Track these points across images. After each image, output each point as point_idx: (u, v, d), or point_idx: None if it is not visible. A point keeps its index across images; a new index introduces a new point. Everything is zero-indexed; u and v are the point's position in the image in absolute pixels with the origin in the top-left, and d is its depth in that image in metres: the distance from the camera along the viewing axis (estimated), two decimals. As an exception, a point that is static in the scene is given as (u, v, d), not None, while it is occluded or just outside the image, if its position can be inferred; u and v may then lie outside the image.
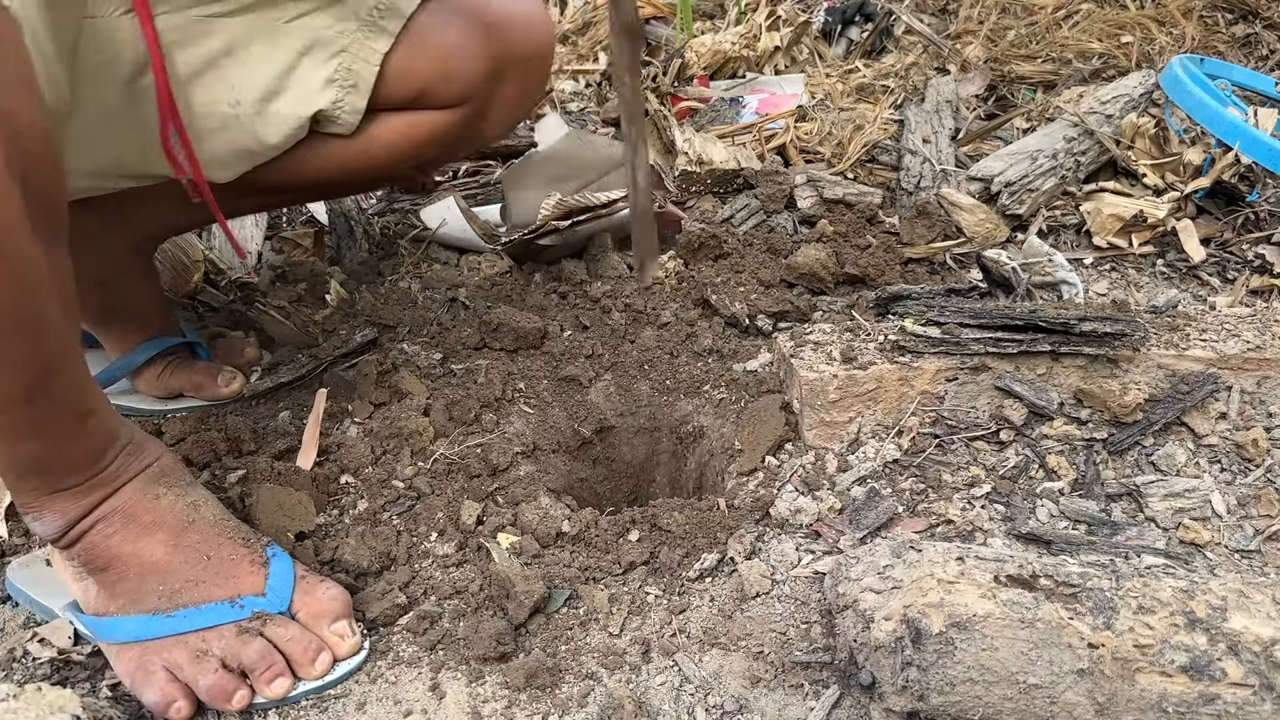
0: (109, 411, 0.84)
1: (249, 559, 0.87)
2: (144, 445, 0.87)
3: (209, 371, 1.19)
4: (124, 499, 0.84)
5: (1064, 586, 0.79)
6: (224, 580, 0.85)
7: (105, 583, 0.85)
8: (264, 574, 0.87)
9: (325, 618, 0.86)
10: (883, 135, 1.78)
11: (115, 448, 0.84)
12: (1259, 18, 2.16)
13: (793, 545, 0.97)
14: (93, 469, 0.82)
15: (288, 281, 1.46)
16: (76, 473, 0.81)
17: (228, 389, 1.17)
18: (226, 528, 0.89)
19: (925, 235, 1.48)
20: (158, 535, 0.85)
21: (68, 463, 0.81)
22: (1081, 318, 1.07)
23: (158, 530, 0.85)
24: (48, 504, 0.82)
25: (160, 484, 0.87)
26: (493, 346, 1.25)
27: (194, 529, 0.86)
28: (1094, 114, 1.66)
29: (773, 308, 1.30)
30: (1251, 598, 0.78)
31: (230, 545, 0.87)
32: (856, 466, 1.06)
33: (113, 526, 0.84)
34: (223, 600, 0.84)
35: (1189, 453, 1.05)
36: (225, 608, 0.84)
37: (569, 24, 2.53)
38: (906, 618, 0.77)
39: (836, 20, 2.32)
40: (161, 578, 0.84)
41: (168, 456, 0.89)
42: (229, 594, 0.85)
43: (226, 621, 0.83)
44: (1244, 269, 1.44)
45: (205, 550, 0.86)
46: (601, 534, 1.01)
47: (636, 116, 0.88)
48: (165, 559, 0.84)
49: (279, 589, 0.86)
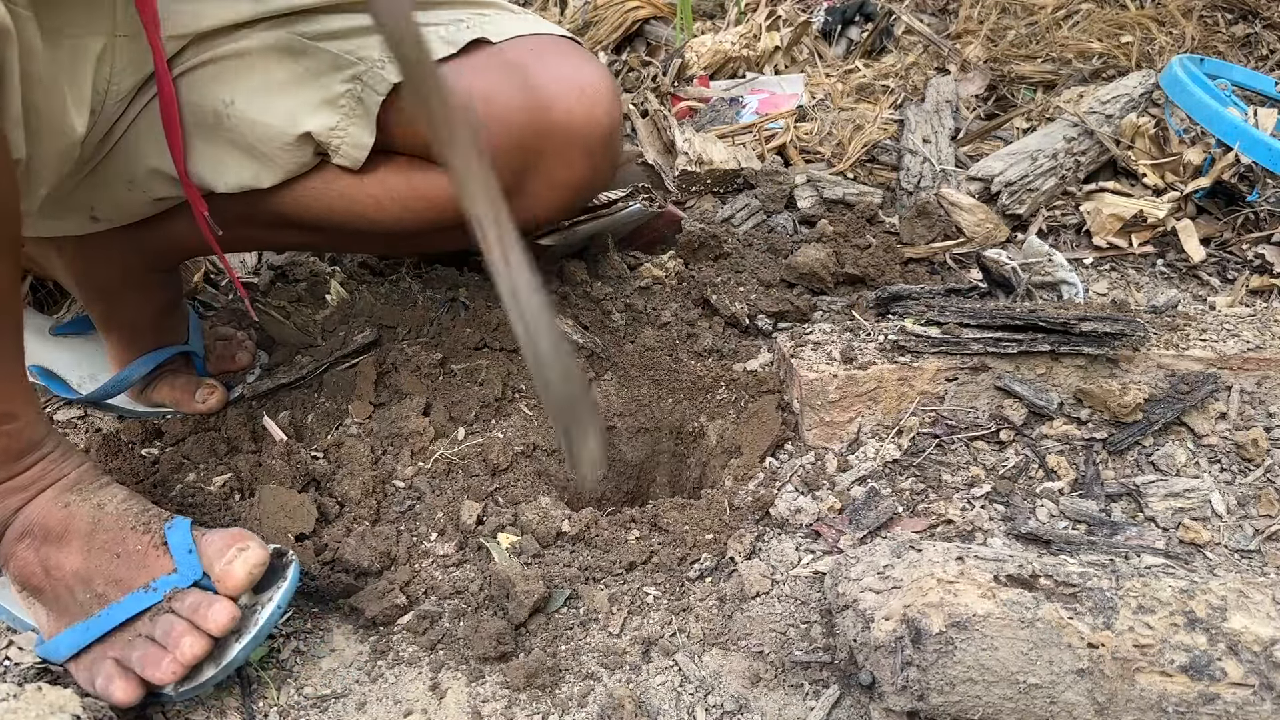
0: (34, 419, 0.85)
1: (152, 543, 0.86)
2: (67, 456, 0.88)
3: (188, 387, 1.18)
4: (39, 508, 0.85)
5: (1064, 586, 0.79)
6: (137, 570, 0.85)
7: (49, 603, 0.86)
8: (168, 552, 0.86)
9: (217, 560, 0.84)
10: (883, 135, 1.78)
11: (36, 454, 0.85)
12: (1259, 17, 2.16)
13: (793, 545, 0.97)
14: (8, 470, 0.83)
15: (288, 281, 1.46)
16: None
17: (204, 405, 1.16)
18: (129, 519, 0.88)
19: (925, 235, 1.48)
20: (72, 544, 0.85)
21: None
22: (1081, 318, 1.07)
23: (71, 539, 0.85)
24: None
25: (71, 492, 0.87)
26: (493, 346, 1.25)
27: (101, 529, 0.86)
28: (1094, 114, 1.66)
29: (773, 308, 1.30)
30: (1251, 597, 0.78)
31: (134, 535, 0.87)
32: (856, 466, 1.06)
33: (36, 541, 0.85)
34: (139, 589, 0.84)
35: (1189, 453, 1.05)
36: (140, 595, 0.84)
37: (569, 24, 2.53)
38: (906, 618, 0.77)
39: (836, 20, 2.32)
40: (85, 584, 0.85)
41: (87, 467, 0.90)
42: (144, 581, 0.84)
43: (143, 608, 0.83)
44: (1244, 269, 1.44)
45: (114, 548, 0.86)
46: (601, 534, 1.01)
47: (501, 235, 0.69)
48: (83, 565, 0.85)
49: (183, 559, 0.85)
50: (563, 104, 0.96)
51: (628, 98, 1.96)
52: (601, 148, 1.01)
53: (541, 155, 0.98)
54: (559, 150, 0.98)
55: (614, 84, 1.03)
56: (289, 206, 1.02)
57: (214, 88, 0.96)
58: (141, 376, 1.17)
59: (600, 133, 1.00)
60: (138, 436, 1.16)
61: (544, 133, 0.96)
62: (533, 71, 0.96)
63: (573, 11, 2.58)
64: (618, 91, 1.03)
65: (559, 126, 0.97)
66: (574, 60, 1.00)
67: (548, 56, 0.99)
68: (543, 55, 0.98)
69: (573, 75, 0.98)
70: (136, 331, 1.19)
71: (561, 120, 0.97)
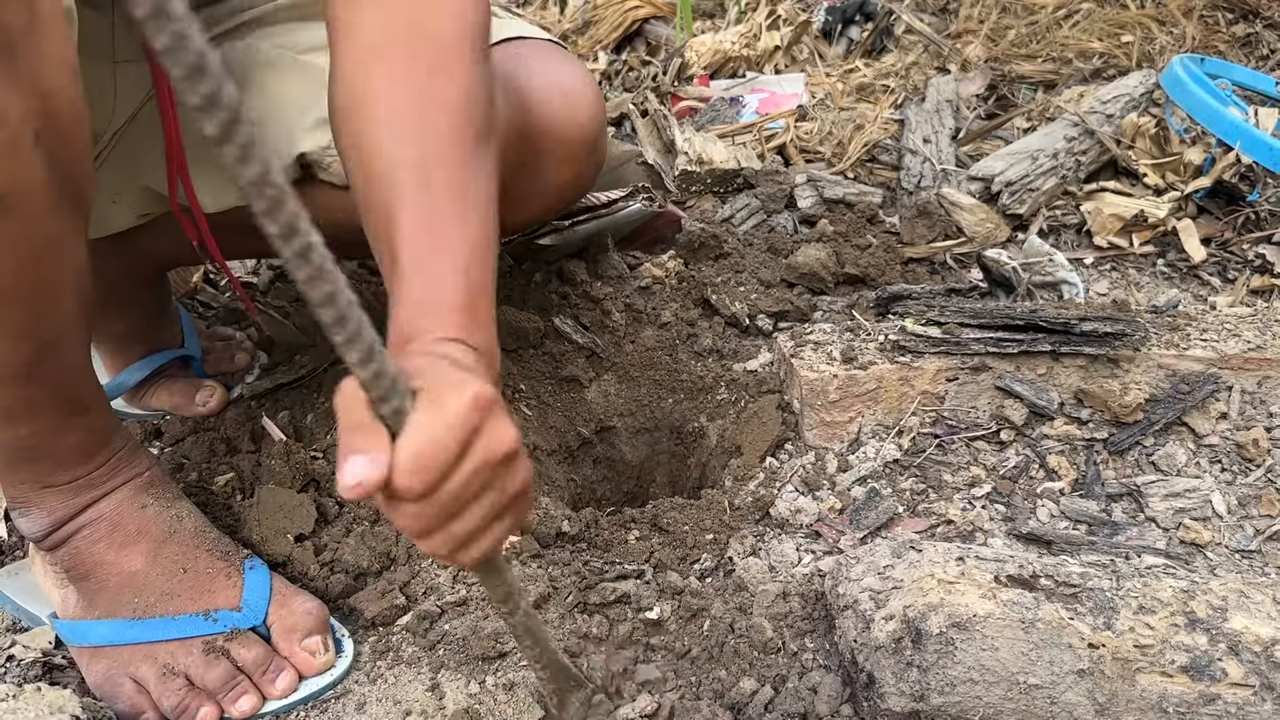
0: (107, 414, 0.84)
1: (225, 572, 0.86)
2: (136, 454, 0.87)
3: (187, 391, 1.17)
4: (112, 505, 0.84)
5: (1064, 587, 0.79)
6: (199, 594, 0.85)
7: (85, 591, 0.85)
8: (239, 587, 0.86)
9: (297, 633, 0.85)
10: (883, 135, 1.78)
11: (108, 451, 0.84)
12: (1259, 17, 2.15)
13: (793, 545, 0.97)
14: (83, 467, 0.82)
15: (288, 281, 1.46)
16: (66, 468, 0.81)
17: (205, 408, 1.16)
18: (206, 540, 0.88)
19: (925, 235, 1.48)
20: (140, 545, 0.84)
21: (58, 456, 0.80)
22: (1082, 317, 1.07)
23: (140, 540, 0.84)
24: (36, 500, 0.81)
25: (148, 494, 0.86)
26: (493, 346, 1.25)
27: (174, 540, 0.86)
28: (1094, 113, 1.66)
29: (773, 308, 1.29)
30: (1252, 598, 0.78)
31: (208, 558, 0.86)
32: (857, 466, 1.06)
33: (99, 533, 0.83)
34: (196, 613, 0.84)
35: (1189, 453, 1.05)
36: (198, 620, 0.83)
37: (569, 24, 2.53)
38: (907, 618, 0.77)
39: (837, 19, 2.32)
40: (137, 590, 0.84)
41: (157, 469, 0.89)
42: (202, 607, 0.84)
43: (197, 634, 0.83)
44: (1244, 269, 1.44)
45: (183, 563, 0.85)
46: (601, 534, 1.01)
47: (546, 657, 0.69)
48: (143, 570, 0.84)
49: (254, 602, 0.85)
50: (546, 108, 0.96)
51: (627, 97, 1.95)
52: (585, 151, 1.01)
53: (525, 159, 0.97)
54: (542, 154, 0.97)
55: (597, 88, 1.02)
56: None
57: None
58: (135, 384, 1.17)
59: (584, 136, 0.99)
60: (137, 437, 1.15)
61: (527, 136, 0.95)
62: (516, 75, 0.94)
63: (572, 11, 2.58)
64: (601, 95, 1.03)
65: (542, 130, 0.96)
66: (557, 64, 0.99)
67: (532, 61, 0.98)
68: (527, 59, 0.97)
69: (556, 79, 0.97)
70: (126, 341, 1.18)
71: (545, 124, 0.96)
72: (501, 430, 0.56)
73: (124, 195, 0.99)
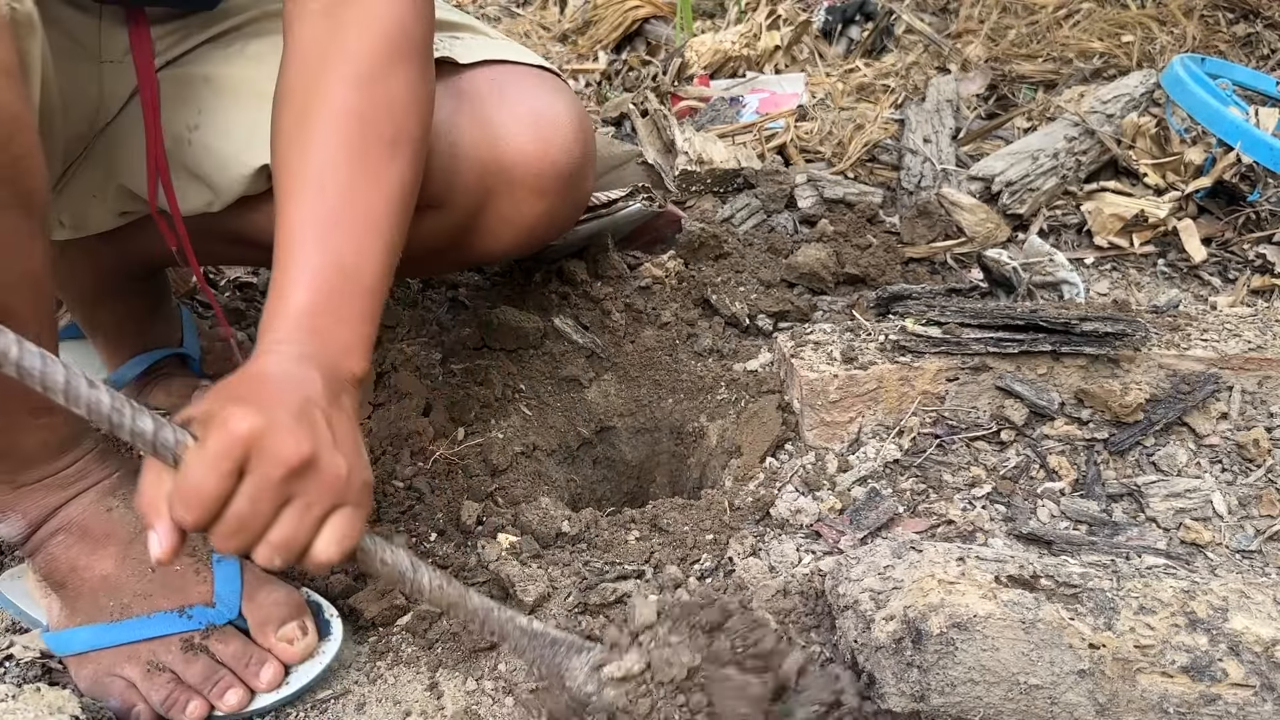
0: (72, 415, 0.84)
1: (193, 568, 0.85)
2: (107, 457, 0.87)
3: (184, 391, 1.17)
4: (79, 509, 0.84)
5: (1065, 587, 0.79)
6: (171, 591, 0.84)
7: (66, 599, 0.85)
8: (209, 581, 0.85)
9: (271, 624, 0.84)
10: (883, 135, 1.78)
11: (78, 451, 0.84)
12: (1260, 17, 2.15)
13: (793, 545, 0.97)
14: (51, 465, 0.82)
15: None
16: (34, 466, 0.81)
17: None
18: None
19: (926, 235, 1.48)
20: (109, 548, 0.84)
21: (23, 454, 0.80)
22: (1082, 317, 1.07)
23: (109, 543, 0.84)
24: (10, 503, 0.82)
25: (114, 495, 0.86)
26: (493, 347, 1.25)
27: (140, 540, 0.85)
28: (1095, 113, 1.66)
29: (773, 308, 1.29)
30: (1252, 598, 0.78)
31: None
32: (857, 466, 1.06)
33: (71, 539, 0.84)
34: (170, 610, 0.83)
35: (1190, 453, 1.05)
36: (173, 618, 0.83)
37: (569, 24, 2.53)
38: (907, 618, 0.77)
39: (837, 19, 2.31)
40: (111, 592, 0.84)
41: (127, 471, 0.88)
42: (176, 604, 0.84)
43: (174, 632, 0.83)
44: (1245, 269, 1.44)
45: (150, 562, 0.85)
46: (601, 534, 1.01)
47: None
48: (114, 573, 0.84)
49: (226, 595, 0.84)
50: (515, 141, 0.92)
51: (627, 97, 1.95)
52: (557, 187, 0.95)
53: (492, 192, 0.93)
54: (513, 185, 0.94)
55: (582, 120, 0.97)
56: (246, 227, 1.00)
57: (181, 111, 0.94)
58: (131, 380, 1.17)
59: (555, 171, 0.94)
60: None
61: (494, 170, 0.92)
62: (488, 104, 0.91)
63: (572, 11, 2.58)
64: (587, 127, 0.98)
65: (512, 161, 0.92)
66: (535, 94, 0.95)
67: (508, 89, 0.94)
68: (503, 87, 0.94)
69: (531, 108, 0.93)
70: (121, 337, 1.18)
71: (513, 155, 0.92)
72: (280, 449, 0.62)
73: (103, 193, 0.99)
